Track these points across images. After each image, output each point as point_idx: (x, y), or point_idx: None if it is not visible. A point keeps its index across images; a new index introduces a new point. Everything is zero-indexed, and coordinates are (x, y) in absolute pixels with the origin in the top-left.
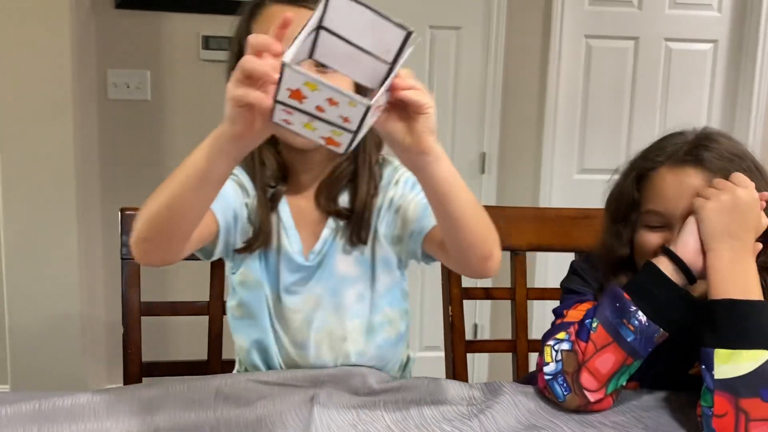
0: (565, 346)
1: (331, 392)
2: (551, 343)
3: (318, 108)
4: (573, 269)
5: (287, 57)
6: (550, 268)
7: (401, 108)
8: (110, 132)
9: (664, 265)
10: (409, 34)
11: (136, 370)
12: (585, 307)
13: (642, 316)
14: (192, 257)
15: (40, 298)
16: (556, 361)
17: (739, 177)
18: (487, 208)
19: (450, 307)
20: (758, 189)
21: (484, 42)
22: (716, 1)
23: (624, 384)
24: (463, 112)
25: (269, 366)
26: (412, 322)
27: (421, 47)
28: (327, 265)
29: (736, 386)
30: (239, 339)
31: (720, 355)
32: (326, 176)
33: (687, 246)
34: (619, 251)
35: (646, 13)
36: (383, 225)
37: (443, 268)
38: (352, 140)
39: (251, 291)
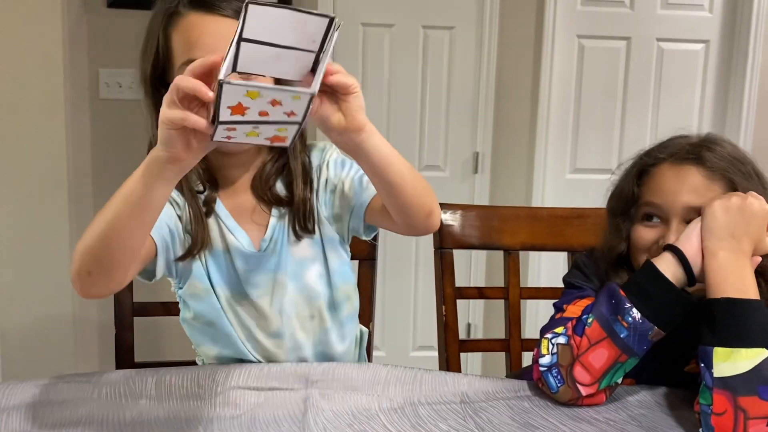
0: (562, 339)
1: (323, 392)
2: (549, 336)
3: (261, 113)
4: (575, 264)
5: (220, 74)
6: (544, 268)
7: (330, 93)
8: (103, 132)
9: (666, 263)
10: (331, 21)
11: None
12: (585, 303)
13: (636, 313)
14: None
15: (32, 299)
16: (552, 354)
17: (755, 194)
18: (480, 207)
19: (443, 307)
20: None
21: (477, 42)
22: (708, 1)
23: (619, 381)
24: (456, 112)
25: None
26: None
27: (414, 47)
28: (282, 250)
29: (734, 384)
30: (204, 350)
31: (719, 353)
32: (258, 170)
33: (691, 245)
34: (617, 247)
35: (638, 14)
36: (323, 207)
37: (437, 268)
38: (297, 131)
39: (203, 301)
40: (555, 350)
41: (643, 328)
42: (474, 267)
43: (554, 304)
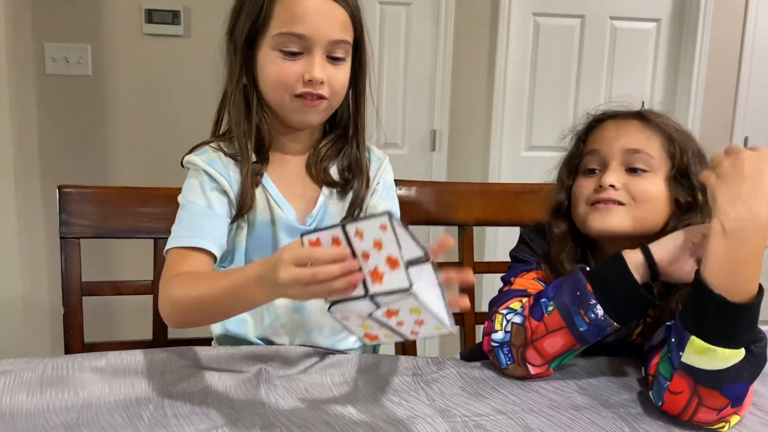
0: (517, 319)
1: (277, 371)
2: (504, 311)
3: (399, 323)
4: (522, 238)
5: (412, 286)
6: (500, 243)
7: None
8: (49, 109)
9: (633, 257)
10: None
11: (78, 351)
12: (531, 276)
13: (600, 311)
14: (136, 236)
15: None
16: (506, 332)
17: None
18: (434, 183)
19: None
20: (686, 149)
21: (433, 18)
22: None
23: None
24: (413, 90)
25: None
26: None
27: (371, 23)
28: None
29: (700, 376)
30: (213, 326)
31: (695, 344)
32: (314, 149)
33: (663, 248)
34: (557, 196)
35: None
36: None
37: None
38: (392, 340)
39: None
40: (509, 328)
41: (603, 324)
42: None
43: (502, 278)
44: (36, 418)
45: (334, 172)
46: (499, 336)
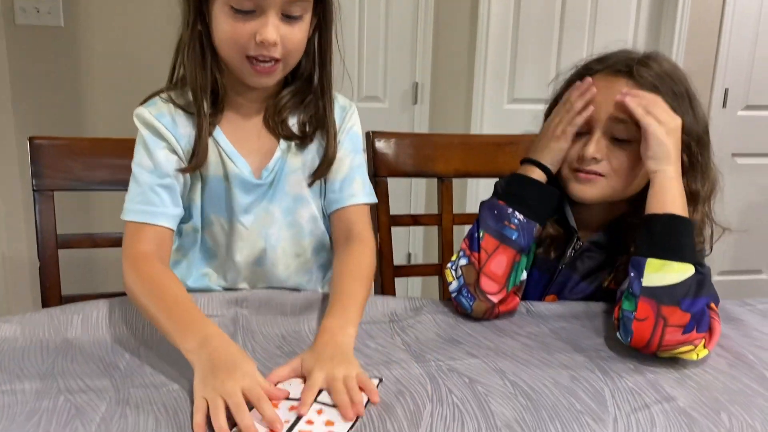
0: (463, 261)
1: (253, 316)
2: (449, 266)
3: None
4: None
5: None
6: (481, 195)
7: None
8: (20, 61)
9: (528, 170)
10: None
11: (56, 304)
12: None
13: (520, 215)
14: (111, 188)
15: None
16: (458, 278)
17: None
18: (414, 135)
19: (378, 234)
20: (680, 114)
21: None
22: None
23: (523, 280)
24: (395, 42)
25: None
26: None
27: None
28: (279, 184)
29: (660, 294)
30: None
31: (652, 264)
32: (273, 99)
33: (541, 150)
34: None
35: None
36: None
37: None
38: None
39: (187, 236)
40: (460, 273)
41: (529, 227)
42: (414, 196)
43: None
44: (11, 368)
45: (293, 124)
46: (454, 285)
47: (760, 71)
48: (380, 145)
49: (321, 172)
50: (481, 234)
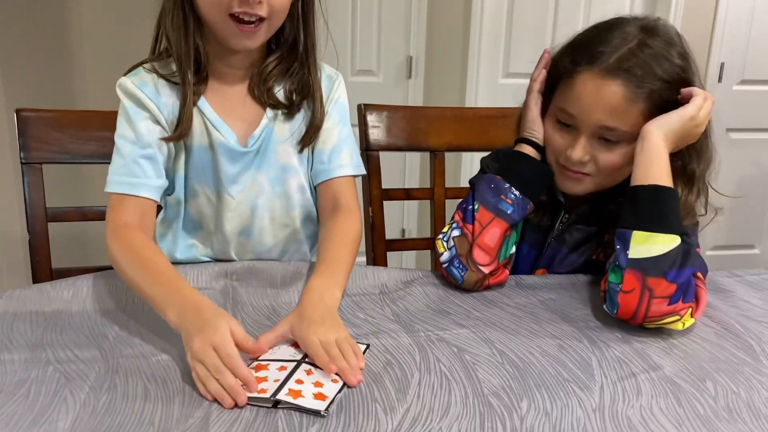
0: (456, 233)
1: (243, 288)
2: (440, 237)
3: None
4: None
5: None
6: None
7: None
8: (9, 30)
9: (526, 149)
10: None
11: (46, 278)
12: None
13: (516, 191)
14: (100, 161)
15: None
16: (449, 249)
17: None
18: (406, 108)
19: (370, 208)
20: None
21: None
22: None
23: (512, 254)
24: (389, 15)
25: None
26: None
27: None
28: (267, 153)
29: (646, 266)
30: None
31: (637, 236)
32: (258, 67)
33: (532, 129)
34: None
35: None
36: None
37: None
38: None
39: (171, 208)
40: (452, 244)
41: (523, 204)
42: (408, 171)
43: (458, 204)
44: None
45: (280, 93)
46: (445, 256)
47: (756, 46)
48: (372, 118)
49: (309, 137)
50: (476, 206)
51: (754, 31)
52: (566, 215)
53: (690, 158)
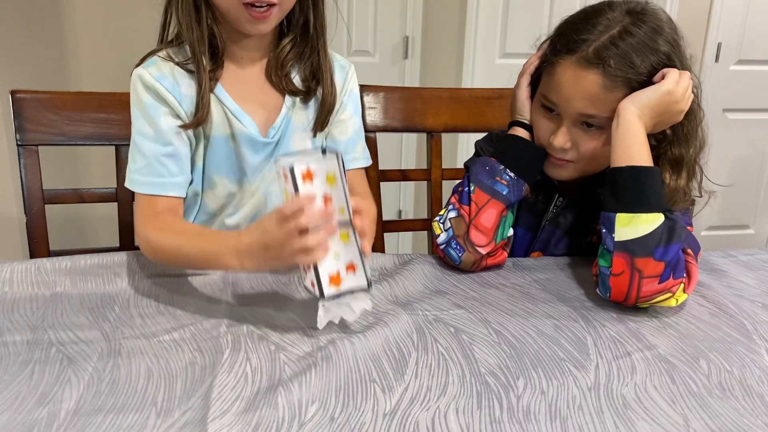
0: (452, 214)
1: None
2: (437, 219)
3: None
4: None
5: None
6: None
7: None
8: (1, 7)
9: (518, 132)
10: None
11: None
12: None
13: (511, 173)
14: (96, 143)
15: None
16: (446, 230)
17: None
18: (402, 89)
19: None
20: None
21: None
22: None
23: (510, 235)
24: None
25: None
26: None
27: None
28: (285, 140)
29: (632, 247)
30: None
31: (621, 219)
32: (273, 53)
33: (522, 112)
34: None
35: None
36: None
37: None
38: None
39: (188, 199)
40: (449, 225)
41: (518, 185)
42: (404, 152)
43: (453, 188)
44: (0, 319)
45: (296, 80)
46: (443, 237)
47: (753, 25)
48: (368, 99)
49: (323, 121)
50: (472, 188)
51: (751, 10)
52: (560, 198)
53: (677, 143)
